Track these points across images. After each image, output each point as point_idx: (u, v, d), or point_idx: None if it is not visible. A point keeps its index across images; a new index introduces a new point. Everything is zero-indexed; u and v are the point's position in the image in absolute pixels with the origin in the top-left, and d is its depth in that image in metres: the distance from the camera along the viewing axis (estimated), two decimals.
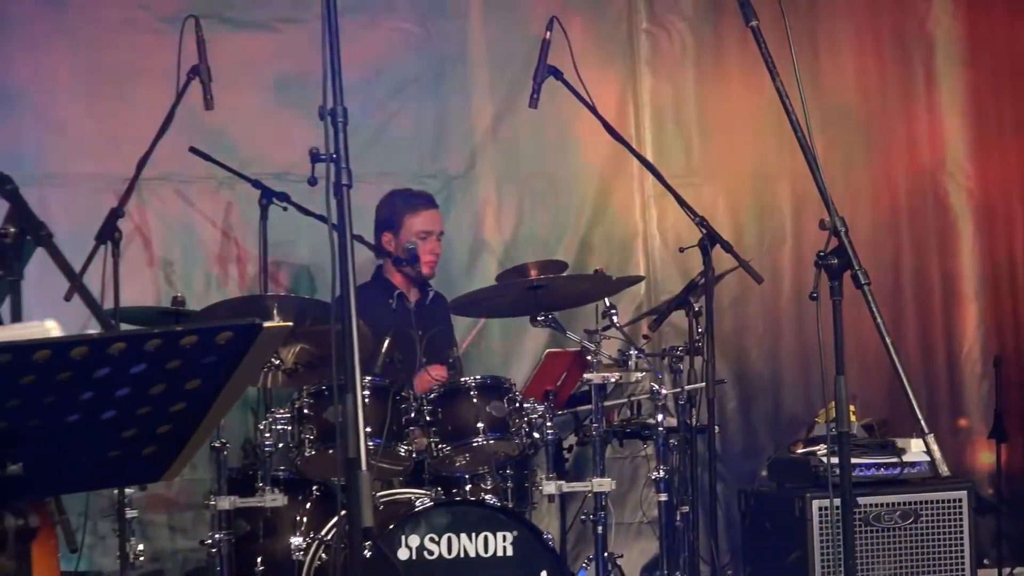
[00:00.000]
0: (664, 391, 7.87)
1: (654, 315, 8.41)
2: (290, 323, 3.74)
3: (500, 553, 7.04)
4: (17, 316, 4.90)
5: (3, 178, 4.27)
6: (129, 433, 3.55)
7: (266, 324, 3.45)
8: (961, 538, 8.17)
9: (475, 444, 7.34)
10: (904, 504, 8.10)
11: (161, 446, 3.65)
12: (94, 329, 4.71)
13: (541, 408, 7.47)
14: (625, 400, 8.31)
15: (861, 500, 7.79)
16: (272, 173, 8.19)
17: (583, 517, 7.79)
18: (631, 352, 7.75)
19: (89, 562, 7.78)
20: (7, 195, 4.31)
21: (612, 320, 7.66)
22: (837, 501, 5.42)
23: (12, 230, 4.46)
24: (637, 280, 8.94)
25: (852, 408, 7.16)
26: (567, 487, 7.60)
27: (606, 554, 7.63)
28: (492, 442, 7.34)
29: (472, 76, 9.34)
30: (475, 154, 9.35)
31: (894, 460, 8.06)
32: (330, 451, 7.22)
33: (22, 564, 3.48)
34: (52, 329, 3.39)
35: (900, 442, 8.24)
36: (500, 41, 9.26)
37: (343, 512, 6.78)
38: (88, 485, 5.23)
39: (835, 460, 5.53)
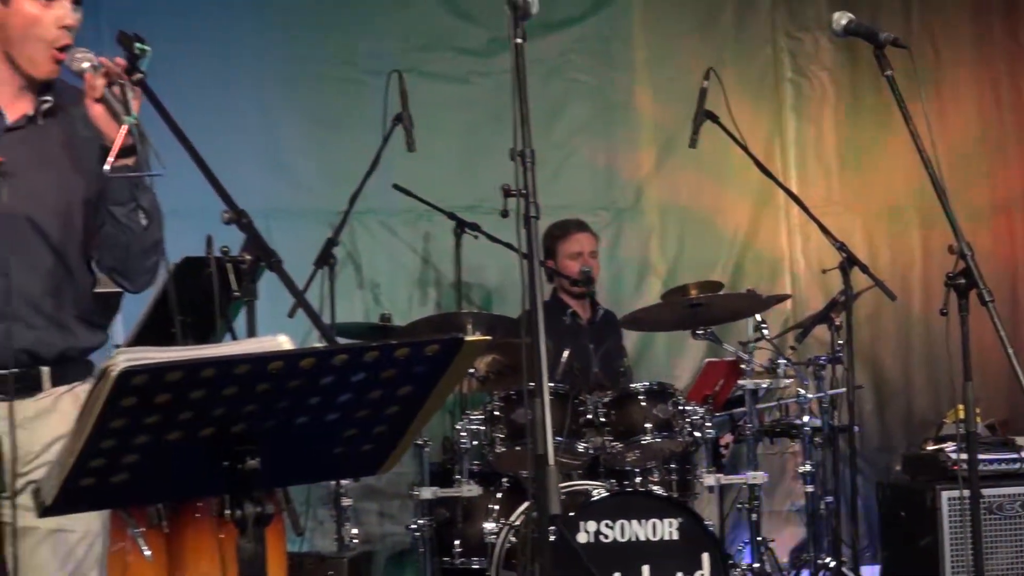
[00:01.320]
0: (809, 395, 7.86)
1: (799, 328, 8.37)
2: (488, 337, 3.71)
3: (667, 537, 7.02)
4: (252, 331, 4.97)
5: (240, 212, 4.30)
6: (350, 433, 3.57)
7: (467, 338, 3.46)
8: None
9: (644, 442, 7.34)
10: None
11: (377, 444, 3.67)
12: (315, 342, 4.74)
13: (701, 410, 7.47)
14: (775, 403, 8.27)
15: (985, 492, 7.69)
16: (465, 206, 8.20)
17: (739, 506, 7.81)
18: (780, 361, 7.76)
19: (311, 544, 7.84)
20: (243, 227, 4.33)
21: (763, 333, 7.65)
22: (966, 492, 5.38)
23: (248, 257, 4.52)
24: (784, 298, 8.89)
25: (977, 410, 7.09)
26: (725, 479, 7.64)
27: (759, 539, 7.63)
28: (659, 440, 7.35)
29: (638, 120, 9.32)
30: (641, 189, 9.32)
31: (1014, 456, 7.94)
32: (518, 448, 7.27)
33: (259, 546, 3.51)
34: (284, 343, 3.42)
35: (1020, 440, 8.12)
36: (662, 90, 9.23)
37: (531, 501, 6.81)
38: (313, 477, 5.29)
39: (964, 456, 5.50)
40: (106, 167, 4.27)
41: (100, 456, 3.37)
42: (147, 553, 6.10)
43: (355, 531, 7.41)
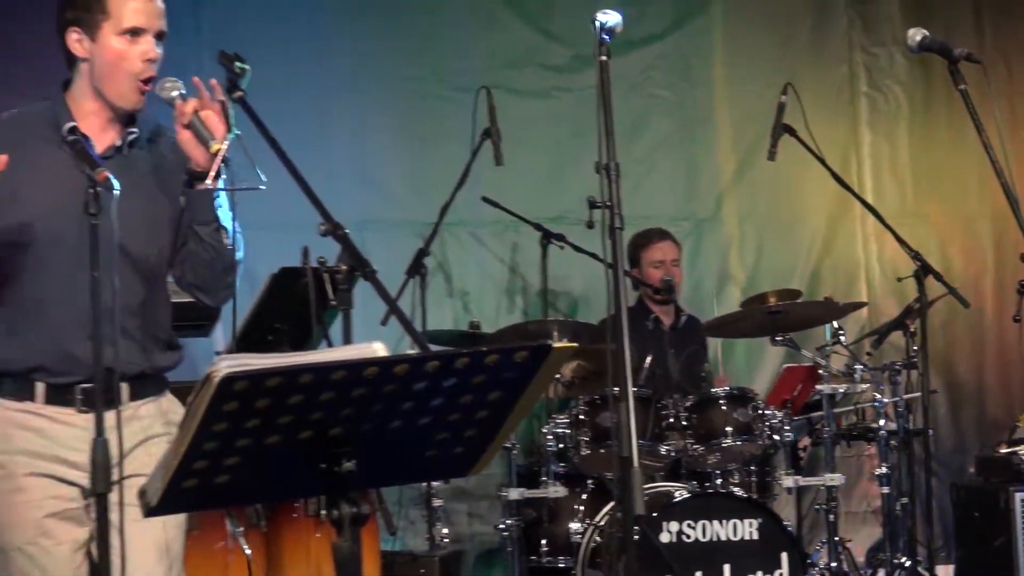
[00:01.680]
0: (885, 399, 7.81)
1: (875, 335, 8.31)
2: (575, 344, 3.72)
3: (747, 537, 7.01)
4: (348, 339, 4.97)
5: (336, 225, 4.32)
6: (442, 436, 3.58)
7: (555, 345, 3.47)
8: None
9: (724, 445, 7.35)
10: None
11: (468, 447, 3.67)
12: (407, 349, 4.76)
13: (780, 414, 7.46)
14: (851, 407, 8.23)
15: None
16: (550, 217, 8.20)
17: (817, 507, 7.77)
18: (856, 366, 7.72)
19: (403, 543, 7.85)
20: (339, 239, 4.35)
21: (840, 339, 7.65)
22: None
23: (344, 268, 4.53)
24: (860, 305, 8.85)
25: None
26: (803, 481, 7.62)
27: (836, 538, 7.58)
28: (739, 443, 7.35)
29: (717, 134, 9.31)
30: (721, 200, 9.30)
31: None
32: (602, 450, 7.26)
33: (355, 545, 3.52)
34: (379, 350, 3.43)
35: None
36: (741, 104, 9.22)
37: (615, 502, 6.81)
38: (406, 479, 5.30)
39: None
40: (208, 182, 4.33)
41: (203, 458, 3.39)
42: (247, 552, 6.15)
43: (445, 531, 7.42)
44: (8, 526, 4.46)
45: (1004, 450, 8.00)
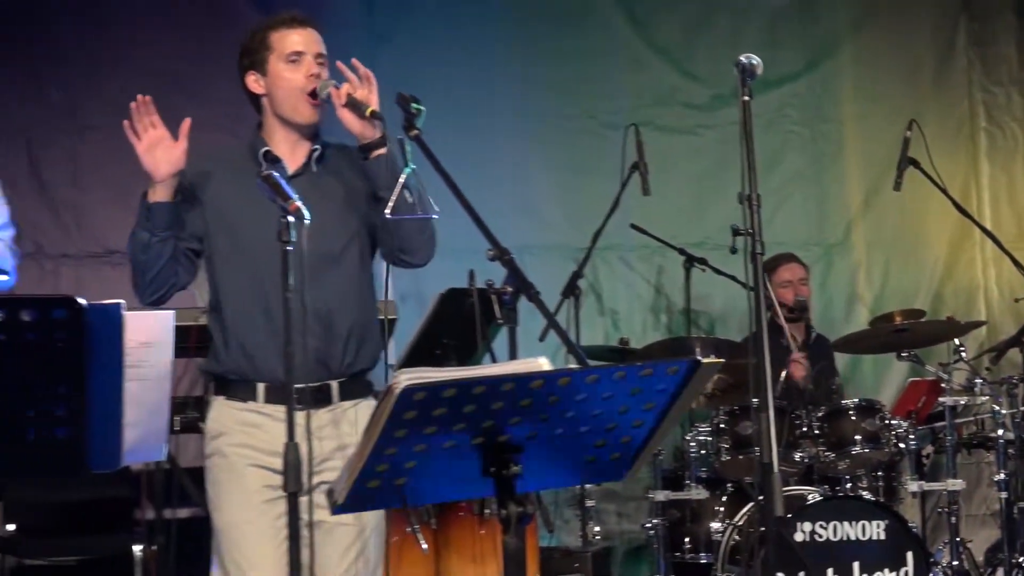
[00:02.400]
0: (1003, 411, 7.70)
1: (994, 351, 8.21)
2: (722, 359, 3.72)
3: (874, 537, 6.94)
4: (513, 354, 5.00)
5: (503, 250, 4.35)
6: (600, 442, 3.59)
7: (704, 360, 3.47)
8: None
9: (853, 452, 7.27)
10: None
11: (623, 453, 3.67)
12: (563, 363, 4.79)
13: (905, 424, 7.38)
14: (971, 418, 8.14)
15: None
16: (692, 243, 8.19)
17: (939, 510, 7.74)
18: (976, 380, 7.62)
19: (558, 540, 7.85)
20: (505, 263, 4.38)
21: (961, 356, 7.55)
22: None
23: (510, 289, 4.56)
24: (980, 324, 8.75)
25: None
26: (926, 486, 7.53)
27: (958, 539, 7.50)
28: (867, 451, 7.27)
29: (846, 167, 9.25)
30: (850, 227, 9.23)
31: None
32: (741, 456, 7.24)
33: (521, 541, 3.55)
34: (544, 364, 3.45)
35: None
36: (868, 139, 9.16)
37: (752, 504, 6.79)
38: (566, 481, 5.31)
39: None
40: (387, 213, 4.40)
41: (384, 462, 3.42)
42: (424, 547, 6.20)
43: (597, 528, 7.43)
44: (227, 509, 4.57)
45: None
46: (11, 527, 7.25)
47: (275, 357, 4.41)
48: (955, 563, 7.47)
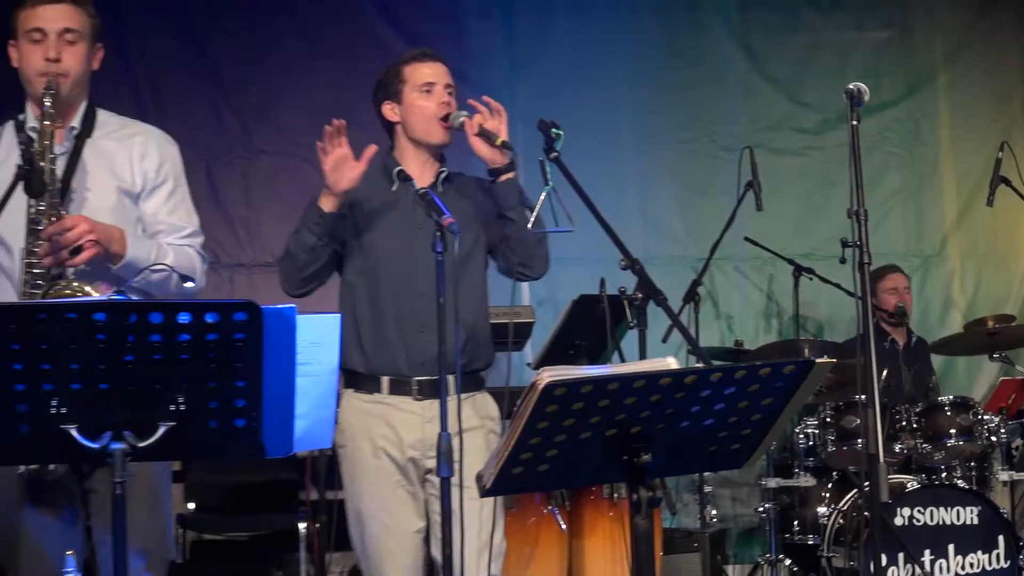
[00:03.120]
0: None
1: None
2: (834, 360, 3.70)
3: (968, 522, 6.87)
4: (643, 354, 5.02)
5: (634, 260, 4.37)
6: (722, 434, 3.58)
7: (818, 360, 3.45)
8: None
9: (948, 444, 7.22)
10: None
11: (743, 444, 3.66)
12: (684, 363, 4.78)
13: (997, 419, 7.31)
14: None
15: None
16: (800, 254, 8.14)
17: None
18: None
19: (679, 521, 7.84)
20: (636, 272, 4.40)
21: None
22: None
23: (639, 295, 4.57)
24: None
25: None
26: (1016, 476, 7.43)
27: None
28: (961, 443, 7.22)
29: (943, 185, 9.14)
30: (945, 239, 9.12)
31: None
32: (845, 448, 7.21)
33: (650, 523, 3.55)
34: (672, 363, 3.45)
35: None
36: (963, 159, 9.05)
37: (856, 491, 6.74)
38: (691, 469, 5.29)
39: None
40: (529, 226, 4.46)
41: (528, 450, 3.43)
42: (563, 527, 6.22)
43: (713, 512, 7.40)
44: (367, 496, 4.64)
45: None
46: (191, 506, 7.36)
47: (400, 353, 4.57)
48: None
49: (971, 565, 6.90)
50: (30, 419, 3.39)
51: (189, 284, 4.52)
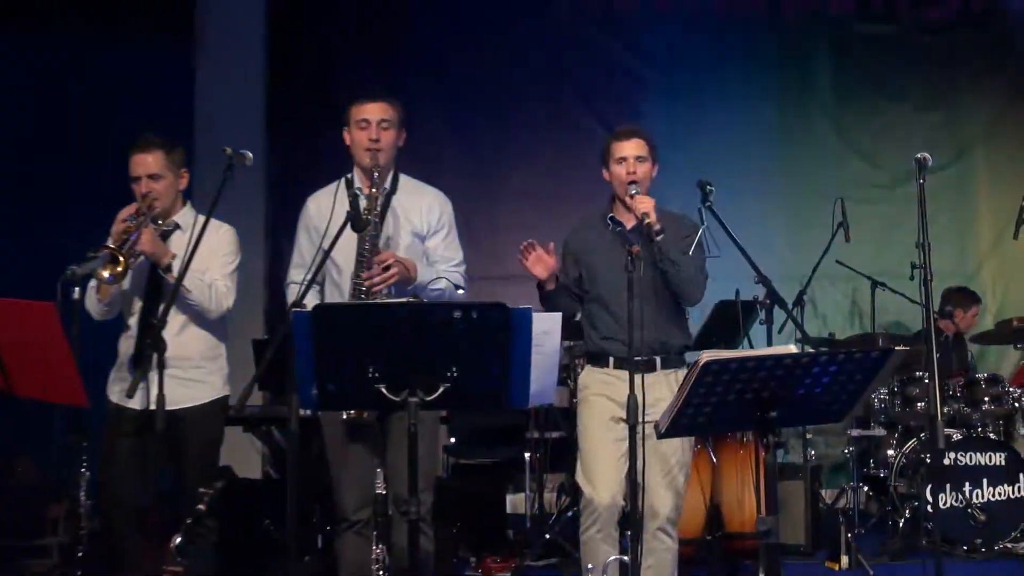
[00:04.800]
0: None
1: None
2: (907, 348, 3.65)
3: (997, 464, 6.75)
4: (769, 342, 5.01)
5: (764, 277, 4.35)
6: (826, 398, 3.56)
7: (897, 348, 3.42)
8: None
9: (983, 408, 7.07)
10: None
11: (840, 405, 3.63)
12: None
13: (1019, 391, 7.13)
14: None
15: None
16: (876, 272, 7.74)
17: None
18: None
19: (787, 458, 7.56)
20: (765, 284, 4.39)
21: None
22: None
23: (767, 301, 4.53)
24: None
25: None
26: None
27: None
28: (992, 407, 7.07)
29: (981, 224, 8.84)
30: (981, 263, 8.82)
31: None
32: (908, 409, 7.08)
33: (775, 459, 3.55)
34: (792, 348, 3.48)
35: None
36: (997, 206, 8.71)
37: (915, 439, 6.54)
38: (804, 422, 5.13)
39: None
40: (691, 252, 4.43)
41: (691, 407, 3.45)
42: (713, 459, 6.21)
43: (812, 451, 7.16)
44: (587, 437, 4.64)
45: None
46: (452, 440, 7.46)
47: (619, 342, 4.49)
48: None
49: (999, 494, 6.71)
50: (355, 381, 3.51)
51: (460, 291, 4.63)
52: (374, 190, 4.44)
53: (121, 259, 4.30)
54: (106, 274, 4.28)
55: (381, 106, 4.55)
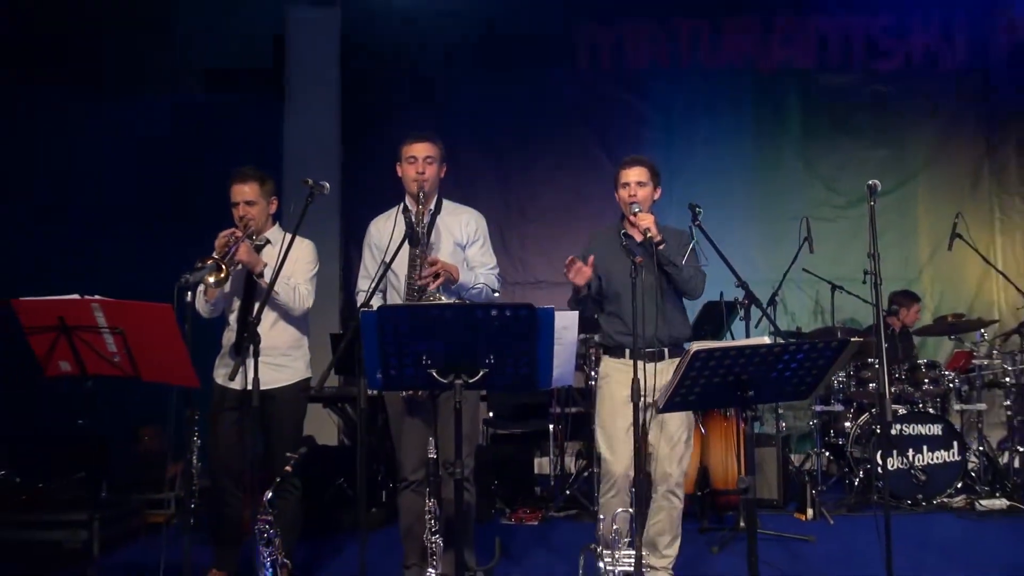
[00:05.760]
0: (1009, 367, 7.14)
1: (1004, 335, 7.59)
2: (861, 339, 3.60)
3: (936, 434, 6.64)
4: (747, 335, 4.94)
5: (743, 282, 4.28)
6: (795, 381, 3.51)
7: (852, 339, 3.36)
8: None
9: (924, 387, 6.98)
10: None
11: (806, 386, 3.58)
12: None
13: (952, 374, 7.11)
14: (990, 372, 7.48)
15: None
16: (835, 277, 7.61)
17: (972, 420, 7.21)
18: (993, 351, 7.26)
19: (762, 428, 7.54)
20: (744, 288, 4.32)
21: (983, 337, 7.24)
22: None
23: (746, 301, 4.45)
24: (994, 322, 7.97)
25: None
26: (964, 407, 7.18)
27: (982, 436, 7.05)
28: (931, 387, 6.97)
29: (920, 239, 8.69)
30: (921, 270, 8.66)
31: None
32: (862, 388, 6.97)
33: (751, 430, 3.50)
34: (766, 339, 3.41)
35: None
36: (932, 224, 8.56)
37: (867, 414, 6.43)
38: (775, 399, 5.00)
39: None
40: (684, 261, 4.37)
41: (683, 388, 3.42)
42: (703, 430, 6.16)
43: (783, 423, 7.08)
44: (604, 412, 4.60)
45: None
46: (491, 414, 7.45)
47: (630, 336, 4.41)
48: (980, 448, 7.04)
49: (937, 459, 6.64)
50: (412, 366, 3.51)
51: (496, 294, 4.60)
52: (420, 207, 4.44)
53: (223, 267, 4.33)
54: (211, 280, 4.31)
55: (426, 145, 4.55)
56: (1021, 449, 7.15)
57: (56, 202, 7.74)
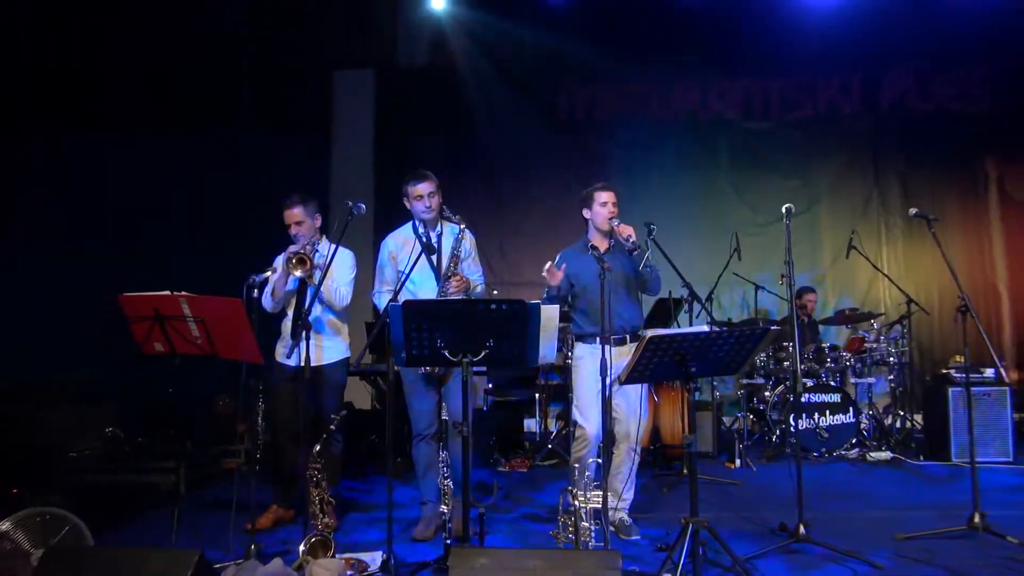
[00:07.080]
0: (893, 350, 7.13)
1: (888, 325, 7.53)
2: (777, 328, 3.56)
3: (835, 401, 6.63)
4: (691, 325, 4.87)
5: (687, 282, 4.23)
6: (727, 360, 3.48)
7: (771, 328, 3.33)
8: None
9: (827, 364, 6.93)
10: None
11: (736, 364, 3.55)
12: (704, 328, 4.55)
13: (849, 354, 7.06)
14: (878, 354, 7.47)
15: None
16: (759, 281, 7.59)
17: (864, 391, 7.17)
18: (880, 336, 7.16)
19: (701, 396, 7.39)
20: (687, 288, 4.24)
21: (874, 325, 7.16)
22: None
23: (689, 298, 4.38)
24: (881, 314, 7.79)
25: None
26: (858, 380, 7.10)
27: (870, 404, 7.02)
28: (833, 365, 6.92)
29: (823, 250, 8.60)
30: (825, 274, 8.59)
31: None
32: (777, 365, 6.86)
33: (693, 397, 3.47)
34: (705, 327, 3.37)
35: None
36: (832, 238, 8.51)
37: (782, 385, 6.36)
38: (712, 374, 4.87)
39: None
40: (641, 268, 4.32)
41: (641, 365, 3.38)
42: (656, 399, 6.10)
43: (717, 392, 6.90)
44: (579, 384, 4.44)
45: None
46: (489, 385, 7.39)
47: (598, 326, 4.34)
48: (870, 412, 7.03)
49: (836, 421, 6.62)
50: (430, 348, 3.48)
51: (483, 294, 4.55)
52: (431, 233, 4.43)
53: (308, 261, 4.35)
54: (298, 273, 4.33)
55: (427, 184, 4.51)
56: (901, 413, 7.15)
57: (173, 220, 7.46)
